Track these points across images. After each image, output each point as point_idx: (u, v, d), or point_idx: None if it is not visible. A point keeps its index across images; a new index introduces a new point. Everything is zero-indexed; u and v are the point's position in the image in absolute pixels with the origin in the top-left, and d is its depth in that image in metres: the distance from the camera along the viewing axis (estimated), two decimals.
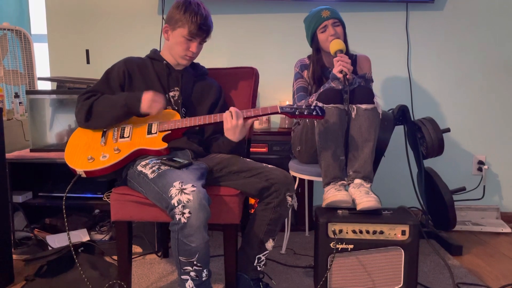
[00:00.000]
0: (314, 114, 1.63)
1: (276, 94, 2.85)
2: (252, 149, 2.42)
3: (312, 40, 2.11)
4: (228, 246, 1.64)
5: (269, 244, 1.70)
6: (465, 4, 2.79)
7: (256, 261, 1.71)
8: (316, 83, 2.11)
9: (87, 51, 2.91)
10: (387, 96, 2.87)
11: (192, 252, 1.42)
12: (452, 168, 2.86)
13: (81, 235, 2.28)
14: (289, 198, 1.64)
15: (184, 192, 1.38)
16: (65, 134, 2.31)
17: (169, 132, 1.65)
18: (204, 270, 1.46)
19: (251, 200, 2.36)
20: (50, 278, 1.91)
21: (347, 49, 2.06)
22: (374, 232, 1.68)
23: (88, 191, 2.33)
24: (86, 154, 1.61)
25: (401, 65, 2.85)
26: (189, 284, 1.46)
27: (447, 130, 2.45)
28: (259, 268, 1.73)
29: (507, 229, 2.66)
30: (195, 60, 1.88)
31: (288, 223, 2.29)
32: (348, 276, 1.72)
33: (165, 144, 1.63)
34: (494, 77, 2.85)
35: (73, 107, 1.76)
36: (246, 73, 2.06)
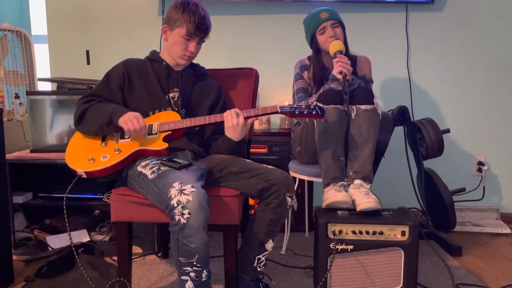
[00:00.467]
0: (314, 113, 1.64)
1: (276, 95, 2.86)
2: (252, 150, 2.42)
3: (312, 42, 2.12)
4: (228, 246, 1.65)
5: (269, 245, 1.70)
6: (465, 5, 2.80)
7: (256, 261, 1.71)
8: (316, 84, 2.11)
9: (88, 52, 2.91)
10: (387, 97, 2.87)
11: (191, 252, 1.42)
12: (452, 168, 2.86)
13: (81, 236, 2.28)
14: (289, 199, 1.64)
15: (184, 193, 1.38)
16: (65, 135, 2.32)
17: (169, 132, 1.66)
18: (204, 271, 1.46)
19: (251, 200, 2.36)
20: (50, 278, 1.91)
21: (347, 50, 2.06)
22: (374, 233, 1.68)
23: (88, 192, 2.34)
24: (87, 155, 1.61)
25: (401, 66, 2.86)
26: (189, 285, 1.46)
27: (447, 131, 2.45)
28: (259, 269, 1.73)
29: (507, 230, 2.66)
30: (195, 60, 1.88)
31: (288, 224, 2.29)
32: (348, 276, 1.72)
33: (165, 144, 1.63)
34: (493, 78, 2.85)
35: (73, 108, 1.76)
36: (246, 74, 2.07)
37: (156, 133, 1.66)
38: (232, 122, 1.63)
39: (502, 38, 2.81)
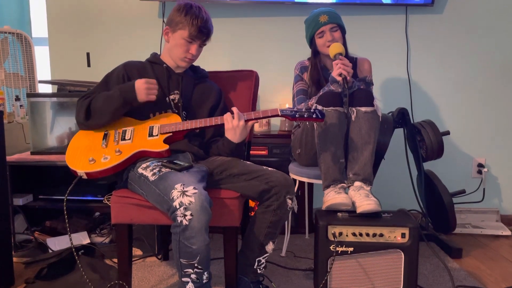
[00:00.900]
0: (314, 117, 1.64)
1: (276, 97, 2.86)
2: (252, 152, 2.42)
3: (311, 43, 2.12)
4: (228, 248, 1.65)
5: (269, 247, 1.70)
6: (464, 7, 2.80)
7: (256, 263, 1.71)
8: (314, 85, 2.12)
9: (88, 54, 2.92)
10: (386, 99, 2.88)
11: (193, 254, 1.42)
12: (451, 170, 2.87)
13: (81, 238, 2.28)
14: (289, 201, 1.64)
15: (186, 194, 1.39)
16: (66, 137, 2.32)
17: (170, 134, 1.66)
18: (205, 273, 1.46)
19: (251, 202, 2.36)
20: (50, 281, 1.91)
21: (347, 53, 2.06)
22: (374, 235, 1.68)
23: (89, 194, 2.34)
24: (87, 156, 1.61)
25: (401, 68, 2.86)
26: (189, 287, 1.46)
27: (447, 133, 2.46)
28: (259, 271, 1.73)
29: (507, 232, 2.67)
30: (195, 63, 1.88)
31: (288, 226, 2.29)
32: (348, 278, 1.72)
33: (166, 146, 1.63)
34: (493, 80, 2.85)
35: (73, 110, 1.76)
36: (246, 76, 2.07)
37: (157, 135, 1.66)
38: (232, 124, 1.64)
39: (502, 40, 2.82)
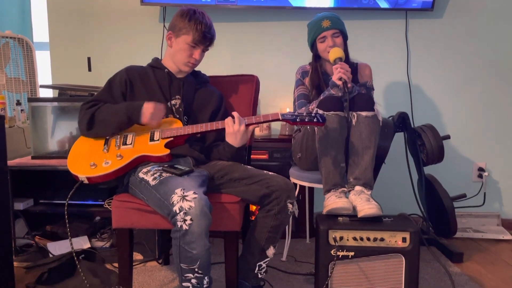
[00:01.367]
0: (315, 121, 1.65)
1: (277, 101, 2.86)
2: (252, 156, 2.42)
3: (312, 47, 2.13)
4: (229, 253, 1.64)
5: (270, 251, 1.70)
6: (464, 12, 2.81)
7: (257, 268, 1.71)
8: (314, 89, 2.12)
9: (89, 58, 2.93)
10: (387, 103, 2.88)
11: (193, 259, 1.42)
12: (452, 175, 2.87)
13: (82, 242, 2.28)
14: (289, 205, 1.64)
15: (186, 199, 1.39)
16: (67, 141, 2.32)
17: (171, 139, 1.66)
18: (205, 277, 1.46)
19: (252, 207, 2.36)
20: (51, 285, 1.91)
21: (347, 58, 2.07)
22: (375, 239, 1.68)
23: (89, 198, 2.34)
24: (89, 161, 1.61)
25: (401, 72, 2.87)
26: None
27: (447, 137, 2.46)
28: (260, 276, 1.73)
29: (508, 236, 2.66)
30: (196, 68, 1.89)
31: (289, 230, 2.29)
32: (349, 283, 1.71)
33: (167, 150, 1.63)
34: (493, 84, 2.86)
35: (74, 115, 1.77)
36: (247, 80, 2.08)
37: (158, 140, 1.66)
38: (233, 129, 1.64)
39: (502, 44, 2.83)
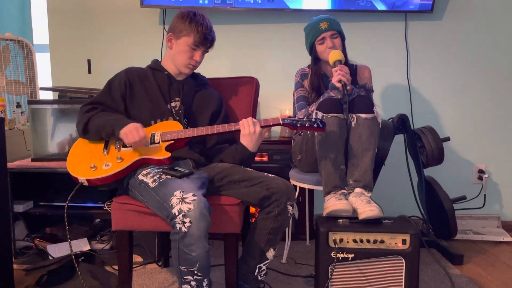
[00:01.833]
0: (315, 126, 1.65)
1: (277, 103, 2.87)
2: None
3: (311, 50, 2.13)
4: (229, 255, 1.64)
5: (270, 253, 1.70)
6: (464, 13, 2.82)
7: (257, 270, 1.71)
8: (314, 92, 2.12)
9: (89, 61, 2.93)
10: (387, 105, 2.89)
11: (192, 261, 1.42)
12: (452, 177, 2.87)
13: (81, 245, 2.27)
14: (290, 207, 1.64)
15: (185, 201, 1.39)
16: (67, 143, 2.32)
17: (171, 142, 1.66)
18: (205, 280, 1.46)
19: (252, 209, 2.36)
20: (50, 287, 1.91)
21: (346, 60, 2.07)
22: (375, 241, 1.68)
23: (89, 201, 2.34)
24: (89, 163, 1.61)
25: (401, 74, 2.87)
26: None
27: (447, 139, 2.46)
28: (259, 278, 1.72)
29: (508, 238, 2.66)
30: (196, 70, 1.89)
31: (288, 232, 2.29)
32: (349, 285, 1.71)
33: (168, 154, 1.63)
34: (493, 86, 2.86)
35: (74, 117, 1.77)
36: (246, 82, 2.08)
37: (158, 142, 1.66)
38: (249, 130, 1.64)
39: (501, 46, 2.83)
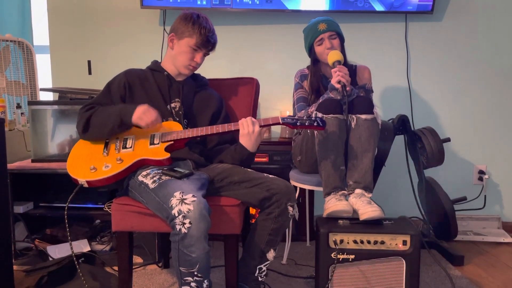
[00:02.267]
0: (315, 125, 1.65)
1: (277, 104, 2.87)
2: None
3: (310, 52, 2.13)
4: (229, 256, 1.64)
5: (270, 254, 1.69)
6: (464, 14, 2.82)
7: (257, 271, 1.70)
8: (313, 93, 2.12)
9: (89, 62, 2.93)
10: (387, 106, 2.88)
11: (192, 262, 1.41)
12: (452, 177, 2.86)
13: (81, 246, 2.27)
14: (290, 208, 1.64)
15: (185, 202, 1.39)
16: (67, 144, 2.32)
17: (171, 142, 1.66)
18: (205, 281, 1.46)
19: (252, 210, 2.35)
20: None
21: (345, 60, 2.07)
22: (375, 242, 1.68)
23: (89, 202, 2.34)
24: (89, 164, 1.61)
25: (401, 75, 2.87)
26: None
27: (447, 140, 2.46)
28: (260, 279, 1.72)
29: (509, 239, 2.66)
30: (196, 71, 1.89)
31: (289, 233, 2.29)
32: (349, 286, 1.71)
33: (167, 154, 1.63)
34: (493, 87, 2.86)
35: (74, 118, 1.77)
36: (246, 83, 2.08)
37: (158, 143, 1.66)
38: (248, 130, 1.64)
39: (502, 47, 2.83)
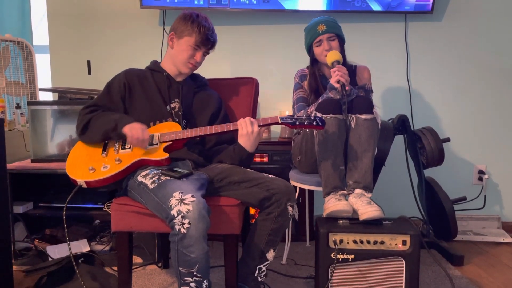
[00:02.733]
0: (314, 124, 1.65)
1: (276, 104, 2.86)
2: None
3: (309, 52, 2.13)
4: (229, 256, 1.64)
5: (270, 255, 1.69)
6: (463, 14, 2.81)
7: (257, 271, 1.70)
8: (312, 93, 2.12)
9: (89, 62, 2.93)
10: (387, 106, 2.88)
11: (192, 262, 1.41)
12: (452, 177, 2.86)
13: (81, 246, 2.27)
14: (290, 208, 1.64)
15: (184, 203, 1.38)
16: (66, 144, 2.32)
17: (170, 143, 1.66)
18: (204, 281, 1.46)
19: (252, 210, 2.35)
20: None
21: (345, 60, 2.07)
22: (375, 242, 1.67)
23: (89, 202, 2.33)
24: (87, 165, 1.61)
25: (401, 75, 2.87)
26: None
27: (447, 140, 2.46)
28: (259, 279, 1.72)
29: (508, 239, 2.66)
30: (195, 71, 1.89)
31: (289, 233, 2.29)
32: (349, 286, 1.71)
33: (166, 154, 1.63)
34: (493, 87, 2.86)
35: (74, 118, 1.77)
36: (246, 83, 2.08)
37: (157, 144, 1.66)
38: (247, 130, 1.64)
39: (501, 47, 2.83)
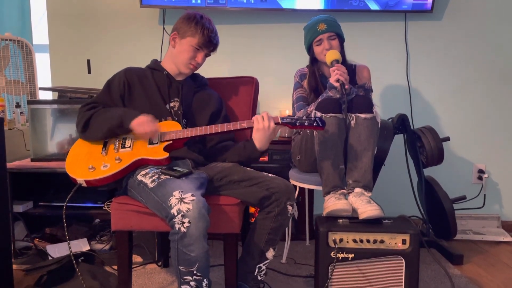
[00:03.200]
0: (315, 125, 1.65)
1: (276, 103, 2.86)
2: None
3: (309, 51, 2.13)
4: (228, 255, 1.64)
5: (270, 253, 1.70)
6: (463, 14, 2.81)
7: (257, 270, 1.70)
8: (313, 92, 2.12)
9: (89, 61, 2.93)
10: (386, 105, 2.88)
11: (192, 261, 1.42)
12: (452, 177, 2.86)
13: (81, 245, 2.27)
14: (289, 207, 1.64)
15: (184, 202, 1.39)
16: (66, 143, 2.32)
17: (170, 142, 1.66)
18: (204, 280, 1.46)
19: (251, 209, 2.36)
20: None
21: (344, 60, 2.07)
22: (375, 241, 1.68)
23: (89, 201, 2.33)
24: (87, 164, 1.61)
25: (401, 74, 2.87)
26: None
27: (447, 139, 2.46)
28: (259, 278, 1.72)
29: (508, 238, 2.66)
30: (196, 71, 1.89)
31: (288, 232, 2.29)
32: (349, 285, 1.71)
33: (166, 154, 1.63)
34: (493, 86, 2.86)
35: (74, 117, 1.77)
36: (246, 82, 2.08)
37: (157, 143, 1.66)
38: (263, 125, 1.63)
39: (501, 46, 2.83)
